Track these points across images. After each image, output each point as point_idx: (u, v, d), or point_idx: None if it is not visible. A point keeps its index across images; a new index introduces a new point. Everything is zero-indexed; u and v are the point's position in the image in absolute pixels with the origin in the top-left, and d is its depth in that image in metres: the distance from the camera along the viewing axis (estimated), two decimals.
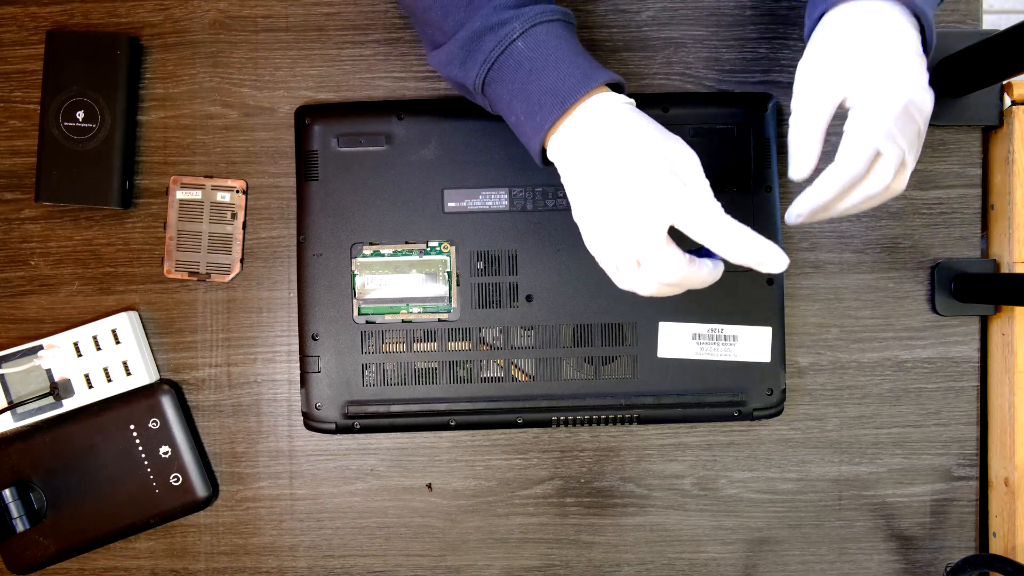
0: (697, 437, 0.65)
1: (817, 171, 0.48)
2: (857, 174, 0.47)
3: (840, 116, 0.49)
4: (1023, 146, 0.63)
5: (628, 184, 0.46)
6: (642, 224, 0.46)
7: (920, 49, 0.48)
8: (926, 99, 0.47)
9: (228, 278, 0.64)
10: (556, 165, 0.50)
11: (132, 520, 0.62)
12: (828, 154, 0.48)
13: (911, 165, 0.48)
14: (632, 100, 0.49)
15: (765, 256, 0.45)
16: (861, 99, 0.47)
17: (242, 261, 0.64)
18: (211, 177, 0.64)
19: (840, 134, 0.47)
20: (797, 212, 0.49)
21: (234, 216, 0.64)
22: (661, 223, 0.46)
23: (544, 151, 0.50)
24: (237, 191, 0.64)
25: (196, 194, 0.64)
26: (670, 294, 0.49)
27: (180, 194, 0.63)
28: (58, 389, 0.62)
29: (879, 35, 0.47)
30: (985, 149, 0.65)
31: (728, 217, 0.46)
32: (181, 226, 0.64)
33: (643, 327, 0.60)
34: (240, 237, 0.64)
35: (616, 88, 0.49)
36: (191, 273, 0.64)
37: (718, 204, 0.46)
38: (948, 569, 0.58)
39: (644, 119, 0.48)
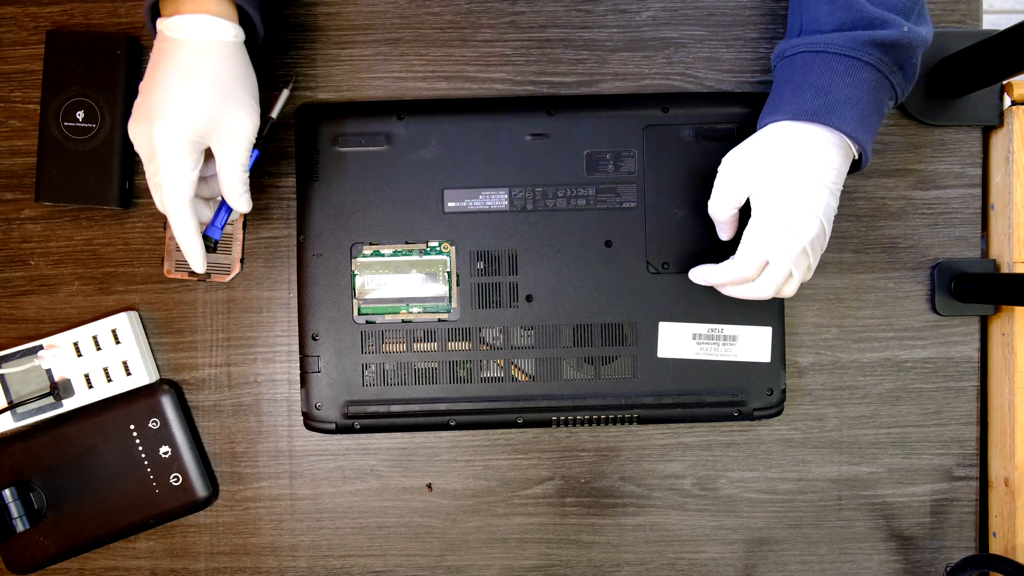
0: (697, 437, 0.65)
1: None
2: (747, 277, 0.54)
3: None
4: (1023, 146, 0.63)
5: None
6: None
7: (835, 178, 0.53)
8: (813, 227, 0.52)
9: (228, 278, 0.64)
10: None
11: (132, 520, 0.62)
12: None
13: (799, 279, 0.54)
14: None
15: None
16: (762, 212, 0.53)
17: (242, 261, 0.64)
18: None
19: None
20: (694, 278, 0.58)
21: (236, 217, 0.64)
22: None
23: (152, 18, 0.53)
24: None
25: None
26: None
27: None
28: (58, 389, 0.62)
29: (800, 159, 0.52)
30: (985, 149, 0.65)
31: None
32: None
33: (643, 327, 0.60)
34: (240, 237, 0.64)
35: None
36: (191, 273, 0.64)
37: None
38: (948, 569, 0.58)
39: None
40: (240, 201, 0.55)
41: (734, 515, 0.65)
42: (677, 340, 0.60)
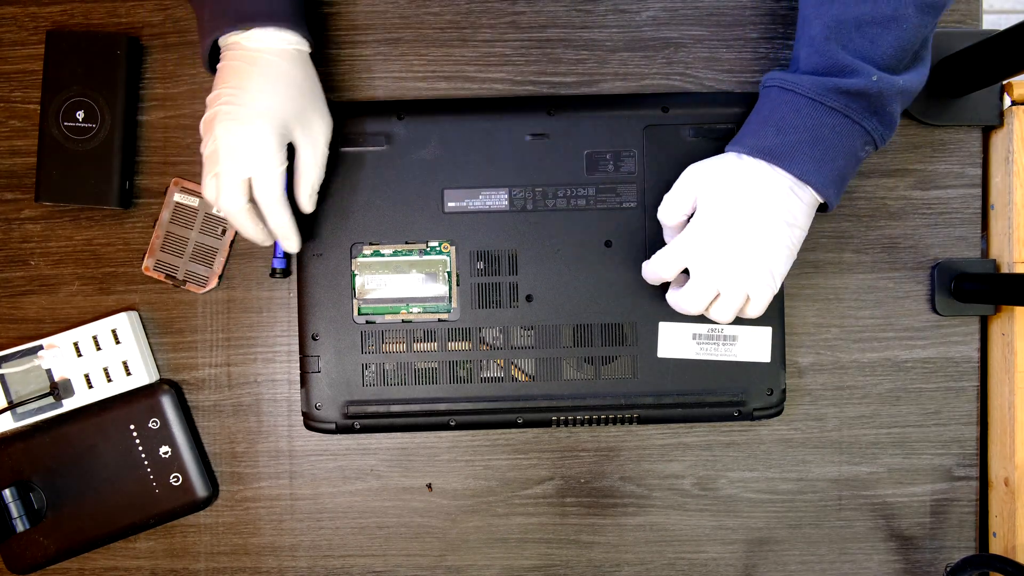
0: (697, 437, 0.65)
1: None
2: (697, 309, 0.55)
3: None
4: (1023, 146, 0.63)
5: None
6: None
7: (782, 214, 0.53)
8: (742, 253, 0.53)
9: (202, 290, 0.64)
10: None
11: (132, 520, 0.62)
12: None
13: (729, 303, 0.54)
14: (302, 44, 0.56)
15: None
16: (695, 224, 0.54)
17: (220, 277, 0.64)
18: None
19: None
20: (644, 274, 0.58)
21: (224, 232, 0.64)
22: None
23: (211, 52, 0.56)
24: None
25: (193, 201, 0.64)
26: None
27: (178, 197, 0.63)
28: (58, 389, 0.62)
29: (746, 192, 0.53)
30: (985, 149, 0.65)
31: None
32: (171, 228, 0.64)
33: (643, 327, 0.60)
34: (226, 253, 0.64)
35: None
36: (168, 276, 0.64)
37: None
38: (948, 569, 0.58)
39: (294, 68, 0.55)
40: (308, 201, 0.57)
41: (734, 515, 0.65)
42: (677, 340, 0.60)
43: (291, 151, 0.56)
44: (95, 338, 0.62)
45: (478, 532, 0.65)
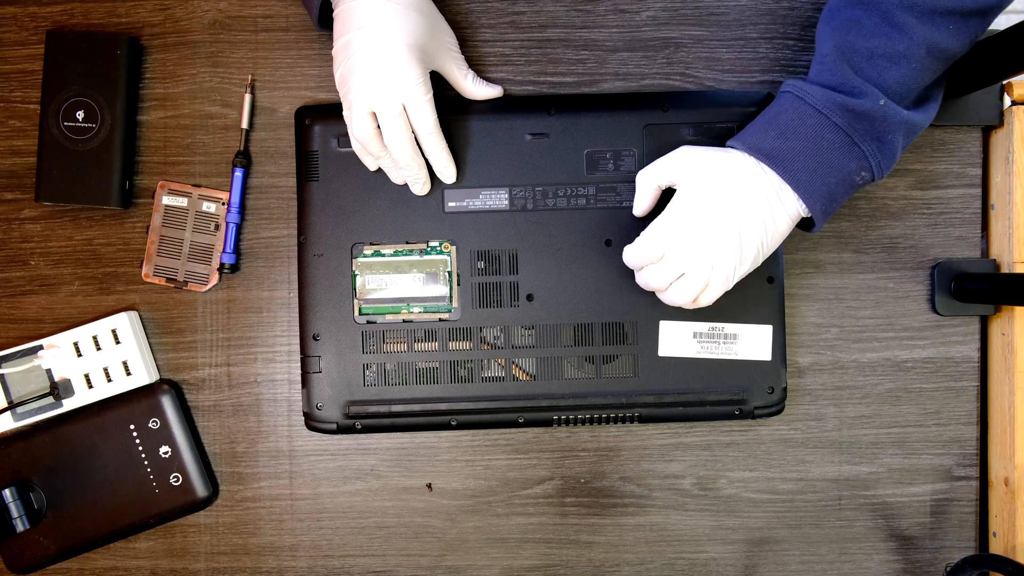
0: (697, 437, 0.65)
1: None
2: (660, 285, 0.55)
3: None
4: (1023, 146, 0.63)
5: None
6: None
7: (763, 213, 0.54)
8: (712, 235, 0.53)
9: (204, 288, 0.64)
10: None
11: (132, 520, 0.62)
12: None
13: (692, 283, 0.54)
14: None
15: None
16: (676, 203, 0.55)
17: (221, 273, 0.64)
18: (199, 186, 0.64)
19: None
20: (627, 258, 0.56)
21: (217, 227, 0.64)
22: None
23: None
24: (222, 203, 0.63)
25: (182, 201, 0.64)
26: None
27: (166, 199, 0.63)
28: (58, 389, 0.62)
29: (736, 186, 0.53)
30: (985, 149, 0.65)
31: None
32: (164, 231, 0.63)
33: (644, 326, 0.60)
34: (220, 248, 0.63)
35: None
36: (169, 279, 0.64)
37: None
38: (948, 569, 0.58)
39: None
40: (482, 90, 0.61)
41: (734, 515, 0.65)
42: (678, 339, 0.60)
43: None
44: (95, 338, 0.62)
45: (478, 532, 0.65)
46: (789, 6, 0.65)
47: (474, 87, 0.61)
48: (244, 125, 0.63)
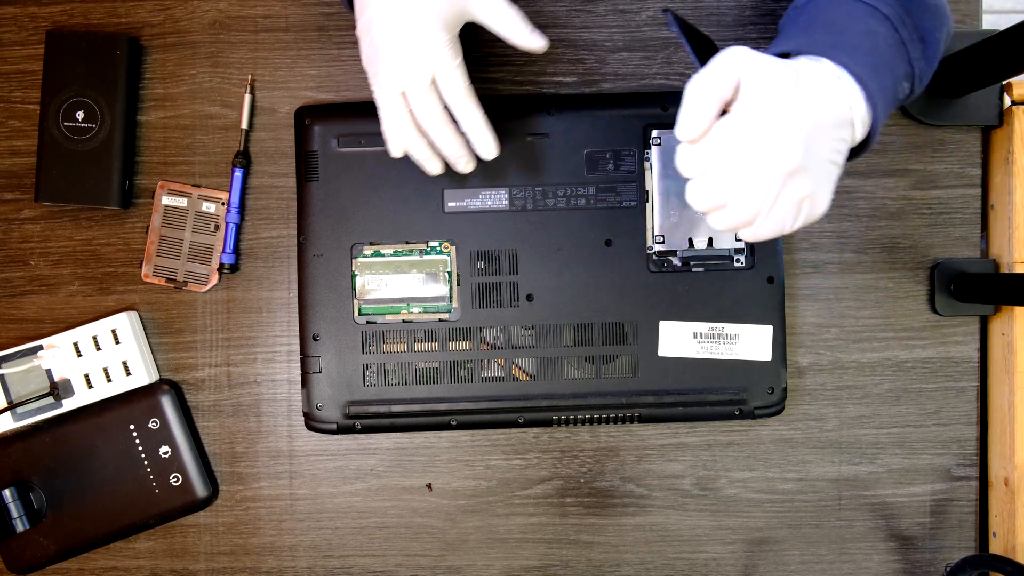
0: (697, 437, 0.65)
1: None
2: (701, 208, 0.44)
3: None
4: (1023, 146, 0.63)
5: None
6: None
7: (831, 120, 0.43)
8: (788, 141, 0.42)
9: (204, 288, 0.64)
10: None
11: (132, 520, 0.62)
12: None
13: (765, 226, 0.44)
14: None
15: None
16: (743, 105, 0.43)
17: (221, 273, 0.64)
18: (199, 187, 0.64)
19: None
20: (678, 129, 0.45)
21: (217, 227, 0.64)
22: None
23: None
24: (222, 203, 0.63)
25: (182, 201, 0.64)
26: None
27: (166, 200, 0.63)
28: (58, 389, 0.62)
29: (800, 86, 0.42)
30: (985, 149, 0.65)
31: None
32: (164, 231, 0.63)
33: (644, 326, 0.60)
34: (219, 248, 0.63)
35: None
36: (168, 279, 0.64)
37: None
38: (948, 569, 0.58)
39: None
40: (532, 38, 0.51)
41: (734, 515, 0.65)
42: (678, 339, 0.60)
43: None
44: (95, 338, 0.62)
45: (478, 532, 0.65)
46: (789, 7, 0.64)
47: (520, 36, 0.51)
48: (244, 125, 0.63)
